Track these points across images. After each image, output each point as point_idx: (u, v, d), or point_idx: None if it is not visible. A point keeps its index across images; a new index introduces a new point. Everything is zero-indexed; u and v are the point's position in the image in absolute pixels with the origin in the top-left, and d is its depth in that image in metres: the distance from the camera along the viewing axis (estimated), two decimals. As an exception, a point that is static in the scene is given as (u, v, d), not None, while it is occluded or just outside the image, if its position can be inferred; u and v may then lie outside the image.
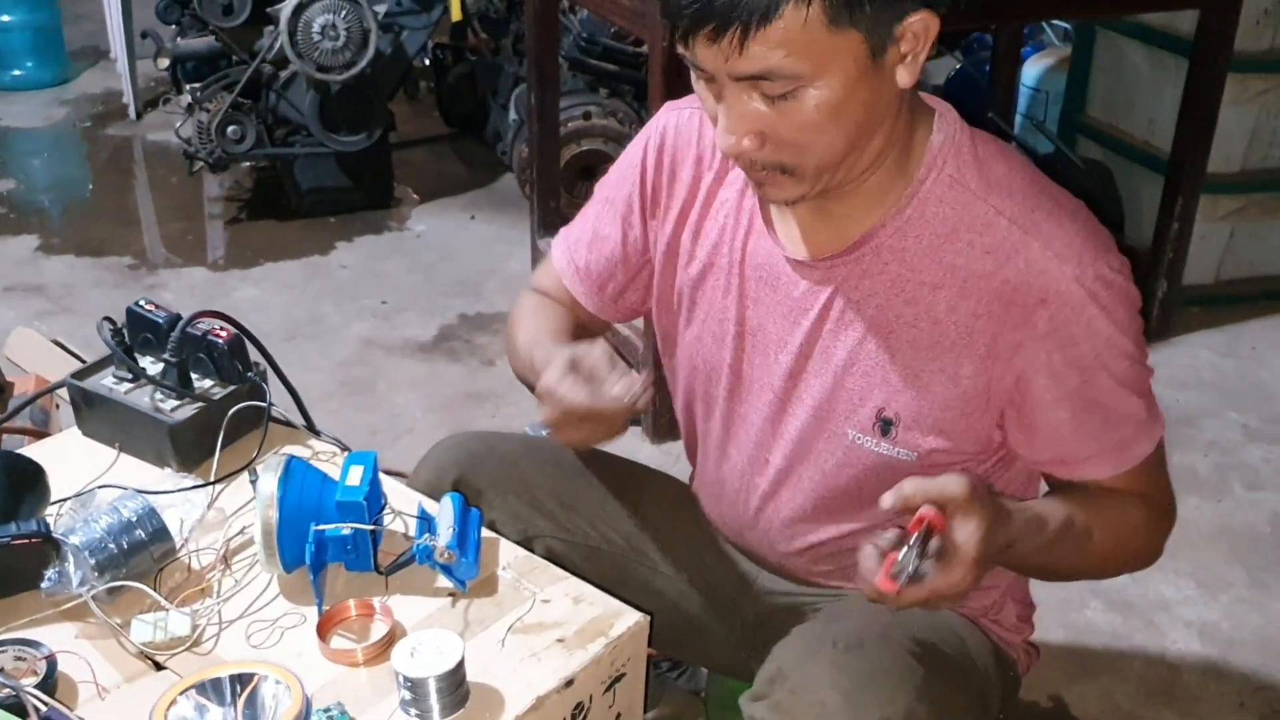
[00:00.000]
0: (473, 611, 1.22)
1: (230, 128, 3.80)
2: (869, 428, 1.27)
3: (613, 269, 1.45)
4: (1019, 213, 1.17)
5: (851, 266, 1.23)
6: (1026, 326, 1.17)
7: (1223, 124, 3.06)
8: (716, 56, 1.06)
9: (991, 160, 1.21)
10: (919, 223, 1.20)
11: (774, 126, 1.11)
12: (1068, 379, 1.19)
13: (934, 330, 1.21)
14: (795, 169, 1.14)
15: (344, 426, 2.53)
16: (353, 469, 1.25)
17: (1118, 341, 1.19)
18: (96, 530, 1.20)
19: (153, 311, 1.46)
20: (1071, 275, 1.15)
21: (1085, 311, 1.16)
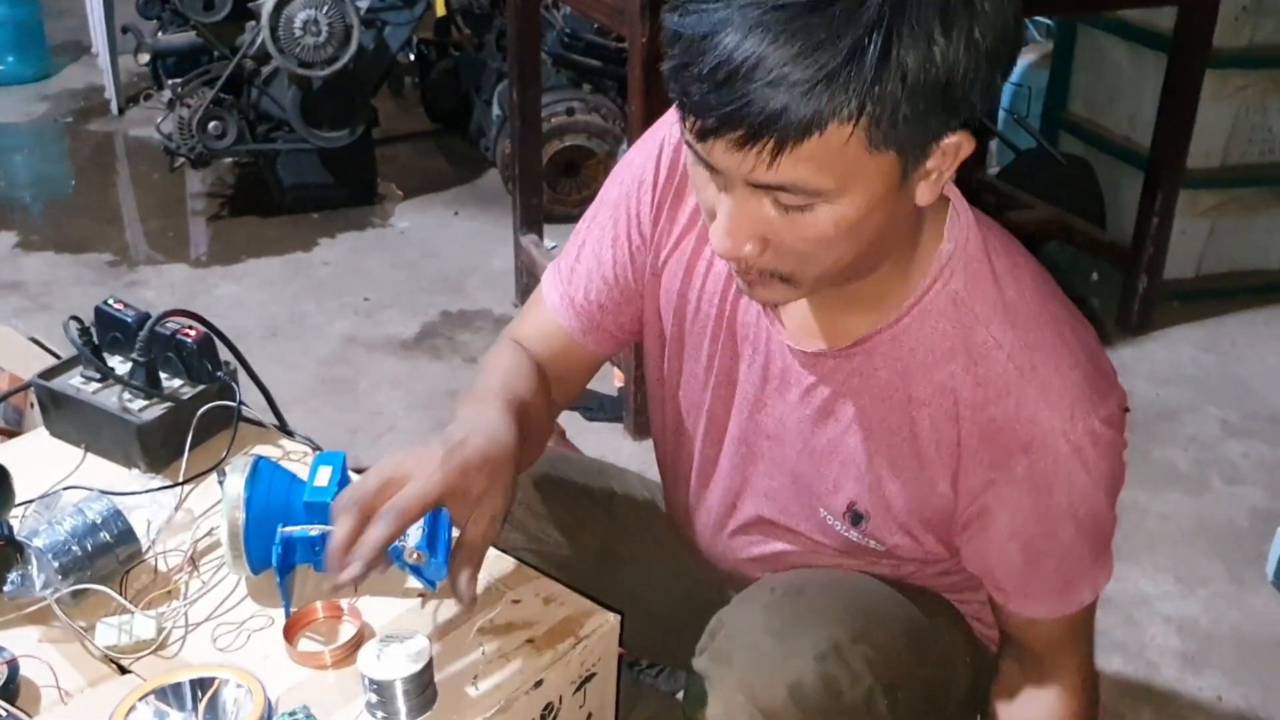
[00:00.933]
0: (442, 612, 1.21)
1: (212, 123, 3.79)
2: (841, 516, 1.25)
3: (612, 292, 1.33)
4: (1018, 350, 1.10)
5: (842, 363, 1.17)
6: (1004, 468, 1.12)
7: (1202, 120, 3.07)
8: (738, 162, 0.94)
9: (1001, 281, 1.12)
10: (916, 334, 1.13)
11: (780, 235, 1.00)
12: (1030, 524, 1.15)
13: (913, 444, 1.16)
14: (794, 278, 1.05)
15: (325, 425, 2.54)
16: (321, 469, 1.23)
17: (1091, 497, 1.14)
18: (61, 532, 1.19)
19: (121, 310, 1.45)
20: (1060, 429, 1.09)
21: (1066, 466, 1.11)
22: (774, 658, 1.17)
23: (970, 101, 0.94)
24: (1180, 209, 3.17)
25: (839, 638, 1.18)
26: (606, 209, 1.33)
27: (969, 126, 0.97)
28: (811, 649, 1.17)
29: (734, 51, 0.89)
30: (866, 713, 1.18)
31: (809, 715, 1.15)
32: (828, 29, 0.88)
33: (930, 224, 1.12)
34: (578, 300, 1.35)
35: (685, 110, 0.95)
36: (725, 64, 0.90)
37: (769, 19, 0.89)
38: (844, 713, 1.16)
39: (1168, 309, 3.33)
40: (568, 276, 1.36)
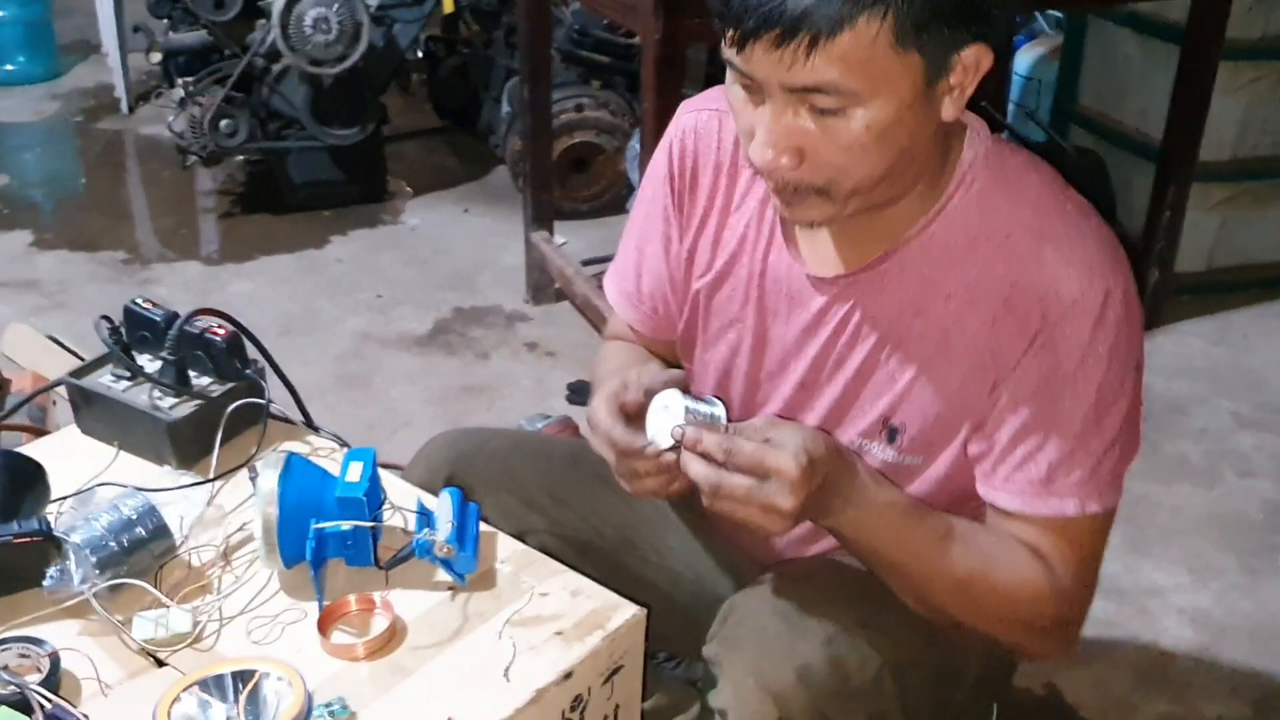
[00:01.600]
0: (472, 605, 1.23)
1: (223, 122, 3.80)
2: (876, 434, 1.26)
3: (664, 288, 1.42)
4: (1037, 220, 1.15)
5: (872, 281, 1.21)
6: (1020, 328, 1.14)
7: (1214, 112, 3.07)
8: (774, 65, 1.02)
9: (1023, 173, 1.18)
10: (942, 238, 1.18)
11: (816, 145, 1.07)
12: (1029, 387, 1.15)
13: (942, 342, 1.19)
14: (830, 190, 1.10)
15: (341, 421, 2.55)
16: (352, 465, 1.25)
17: (1094, 370, 1.14)
18: (97, 528, 1.21)
19: (150, 309, 1.47)
20: (1077, 281, 1.12)
21: (1077, 320, 1.12)
22: (782, 641, 1.19)
23: (992, 14, 1.03)
24: (1191, 202, 3.18)
25: (847, 621, 1.20)
26: (643, 206, 1.42)
27: (986, 40, 1.04)
28: (820, 632, 1.18)
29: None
30: (875, 695, 1.19)
31: (817, 698, 1.16)
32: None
33: (953, 145, 1.18)
34: (633, 296, 1.46)
35: (726, 21, 1.03)
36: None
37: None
38: (852, 695, 1.18)
39: (1179, 302, 3.34)
40: (621, 275, 1.47)
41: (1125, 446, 1.18)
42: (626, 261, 1.46)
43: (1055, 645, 1.26)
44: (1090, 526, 1.19)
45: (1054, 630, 1.23)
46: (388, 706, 1.11)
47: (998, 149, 1.19)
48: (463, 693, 1.12)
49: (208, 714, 0.99)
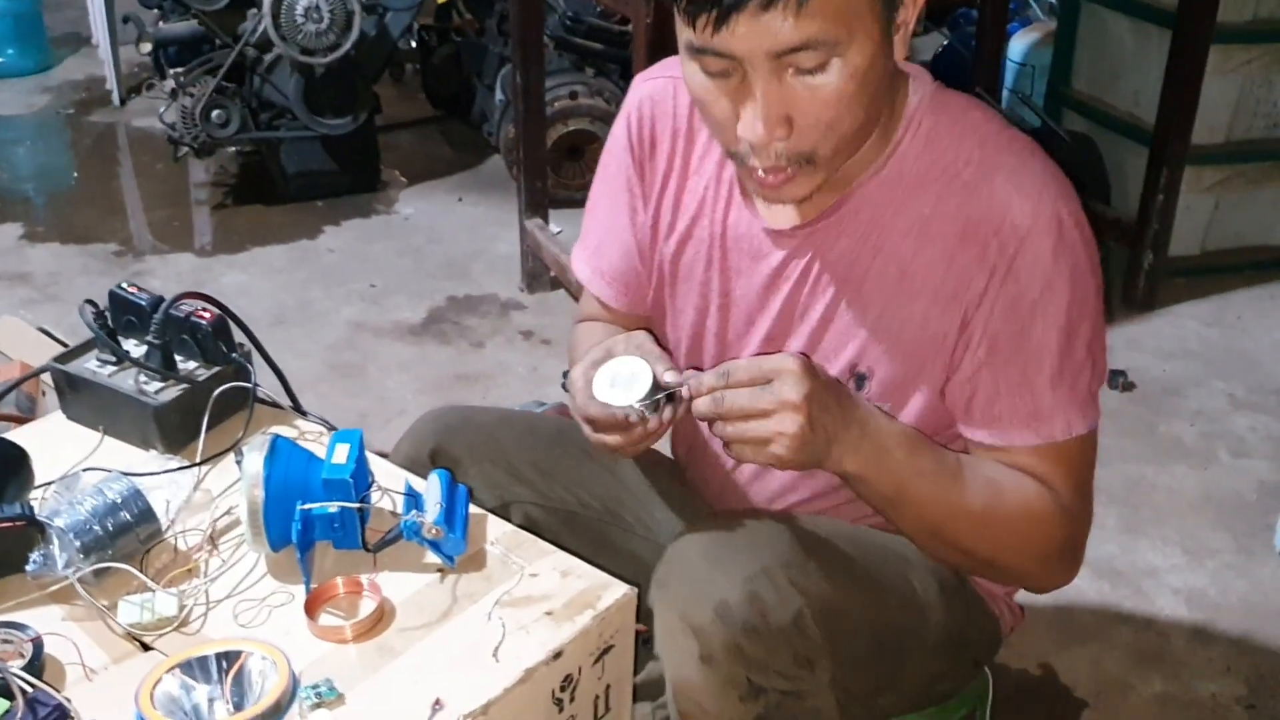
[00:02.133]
0: (461, 586, 1.22)
1: (214, 112, 3.79)
2: (844, 381, 1.27)
3: (632, 261, 1.44)
4: (986, 153, 1.18)
5: (829, 229, 1.24)
6: (980, 259, 1.17)
7: (1207, 95, 3.07)
8: (759, 34, 1.04)
9: (966, 110, 1.22)
10: (894, 179, 1.21)
11: (804, 107, 1.09)
12: (1001, 320, 1.18)
13: (901, 279, 1.21)
14: (817, 155, 1.13)
15: (334, 410, 2.54)
16: (339, 447, 1.25)
17: (1061, 292, 1.17)
18: (81, 512, 1.20)
19: (135, 294, 1.46)
20: (1030, 208, 1.15)
21: (1035, 245, 1.15)
22: (704, 577, 1.19)
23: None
24: (1185, 185, 3.18)
25: (769, 561, 1.20)
26: (605, 181, 1.44)
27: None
28: (740, 570, 1.18)
29: None
30: (798, 635, 1.18)
31: (735, 634, 1.16)
32: None
33: (899, 91, 1.21)
34: (604, 272, 1.46)
35: (697, 12, 1.04)
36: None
37: None
38: (771, 633, 1.17)
39: (1173, 285, 3.33)
40: (591, 252, 1.48)
41: (1096, 366, 1.22)
42: (594, 238, 1.47)
43: (1063, 570, 1.29)
44: (1079, 447, 1.22)
45: (1063, 554, 1.27)
46: (375, 688, 1.10)
47: (940, 92, 1.23)
48: (451, 674, 1.11)
49: (191, 696, 0.98)
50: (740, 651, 1.16)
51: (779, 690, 1.20)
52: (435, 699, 1.08)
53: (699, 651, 1.17)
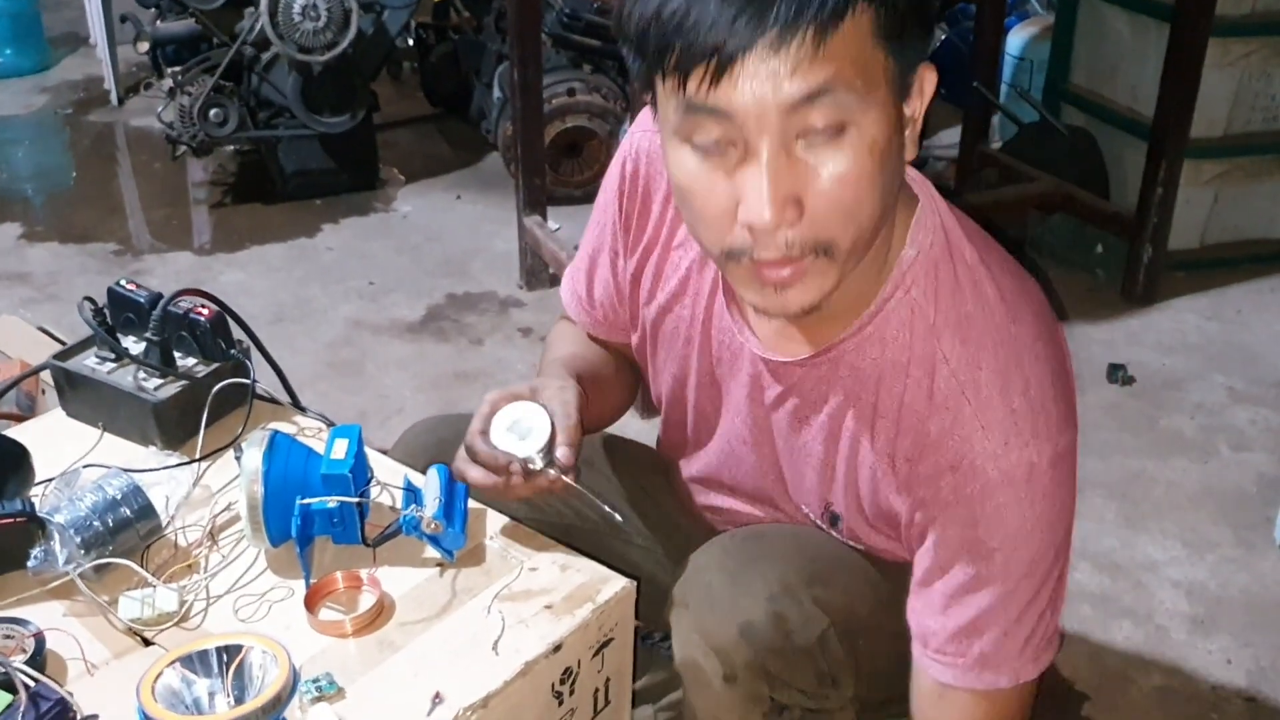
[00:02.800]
0: (460, 580, 1.22)
1: (212, 111, 3.79)
2: (820, 515, 1.27)
3: (612, 297, 1.38)
4: (963, 366, 1.06)
5: (810, 371, 1.16)
6: (933, 486, 1.09)
7: (1205, 88, 3.07)
8: (768, 79, 0.89)
9: (960, 292, 1.08)
10: (877, 343, 1.10)
11: (817, 185, 0.94)
12: (952, 555, 1.10)
13: (870, 454, 1.15)
14: (835, 247, 0.97)
15: (333, 408, 2.54)
16: (337, 442, 1.25)
17: (1024, 544, 1.07)
18: (81, 508, 1.20)
19: (134, 291, 1.46)
20: (991, 452, 1.04)
21: (995, 497, 1.05)
22: (726, 596, 1.18)
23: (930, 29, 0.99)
24: (1184, 178, 3.17)
25: (791, 579, 1.18)
26: (597, 213, 1.38)
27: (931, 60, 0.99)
28: (764, 589, 1.17)
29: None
30: (821, 654, 1.18)
31: (760, 654, 1.16)
32: None
33: (899, 223, 1.09)
34: (583, 299, 1.42)
35: (696, 53, 0.90)
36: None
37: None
38: (796, 652, 1.17)
39: (1173, 279, 3.33)
40: (576, 275, 1.43)
41: (1056, 605, 1.14)
42: (581, 263, 1.41)
43: None
44: (1020, 694, 1.16)
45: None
46: (375, 682, 1.10)
47: (943, 246, 1.09)
48: (451, 667, 1.12)
49: (192, 689, 0.98)
50: (765, 671, 1.16)
51: (802, 707, 1.20)
52: (435, 692, 1.08)
53: (722, 671, 1.17)
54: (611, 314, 1.40)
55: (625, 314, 1.38)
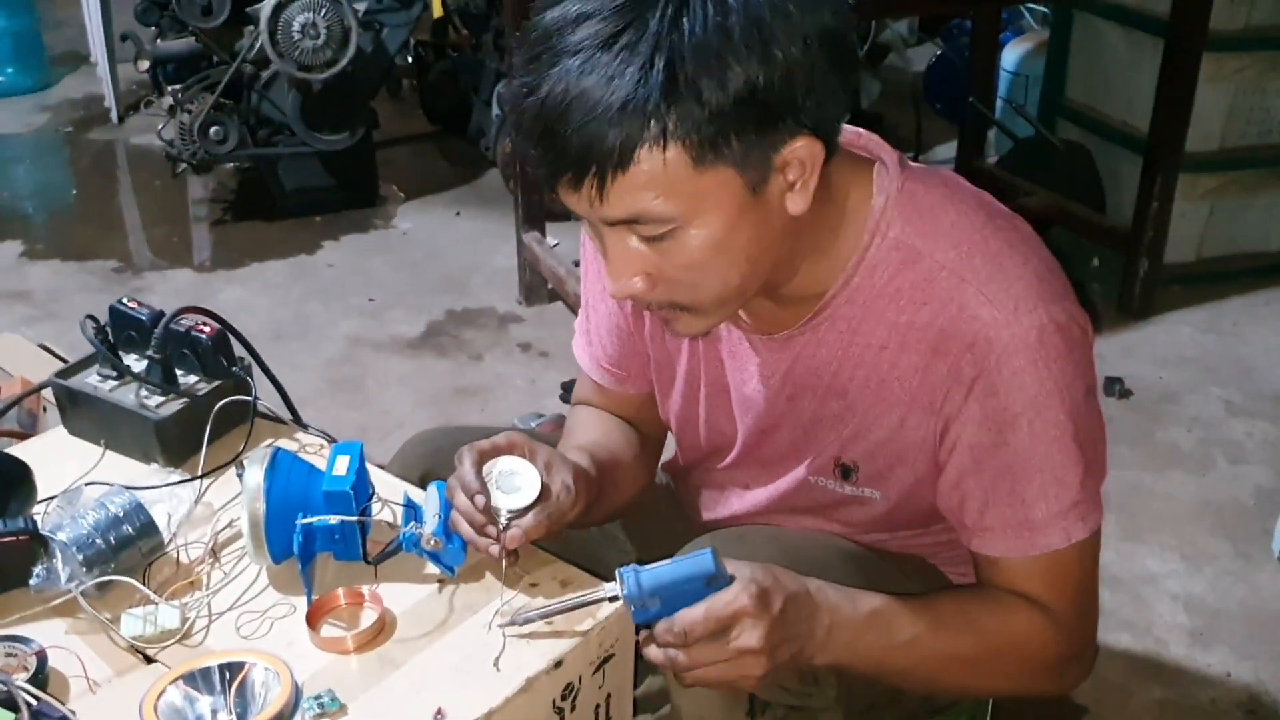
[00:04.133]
0: (461, 596, 1.23)
1: (212, 129, 3.80)
2: (830, 473, 1.27)
3: (626, 341, 1.40)
4: (958, 260, 1.11)
5: (808, 337, 1.20)
6: (954, 373, 1.12)
7: (1200, 103, 3.09)
8: (581, 205, 1.02)
9: (938, 211, 1.14)
10: (867, 288, 1.15)
11: (659, 267, 1.06)
12: (982, 433, 1.13)
13: (880, 389, 1.18)
14: (694, 307, 1.11)
15: (333, 424, 2.54)
16: (339, 459, 1.25)
17: (1046, 404, 1.10)
18: (84, 526, 1.20)
19: (136, 309, 1.47)
20: (1002, 320, 1.09)
21: (1011, 361, 1.09)
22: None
23: (799, 108, 1.00)
24: (1180, 192, 3.19)
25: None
26: (589, 262, 1.40)
27: (814, 133, 1.02)
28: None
29: (544, 103, 0.97)
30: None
31: None
32: (616, 64, 0.95)
33: (855, 191, 1.14)
34: (602, 359, 1.43)
35: (532, 166, 1.02)
36: (540, 117, 0.98)
37: (570, 66, 0.97)
38: None
39: (1168, 292, 3.34)
40: (588, 339, 1.45)
41: (1094, 466, 1.16)
42: (585, 324, 1.44)
43: (1071, 679, 1.25)
44: (1079, 553, 1.16)
45: (1065, 667, 1.22)
46: (377, 698, 1.10)
47: (910, 187, 1.15)
48: (453, 683, 1.12)
49: (195, 707, 0.99)
50: None
51: (785, 705, 1.20)
52: (437, 709, 1.08)
53: None
54: (632, 362, 1.41)
55: (639, 356, 1.39)
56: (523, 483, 1.19)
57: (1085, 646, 1.23)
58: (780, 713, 1.20)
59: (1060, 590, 1.17)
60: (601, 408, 1.48)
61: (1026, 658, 1.19)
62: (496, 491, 1.18)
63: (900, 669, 1.18)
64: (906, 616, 1.16)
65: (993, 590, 1.19)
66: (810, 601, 1.12)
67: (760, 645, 1.05)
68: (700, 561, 1.08)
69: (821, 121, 1.02)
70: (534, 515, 1.18)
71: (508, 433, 1.23)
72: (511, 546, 1.17)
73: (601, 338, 1.42)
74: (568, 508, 1.21)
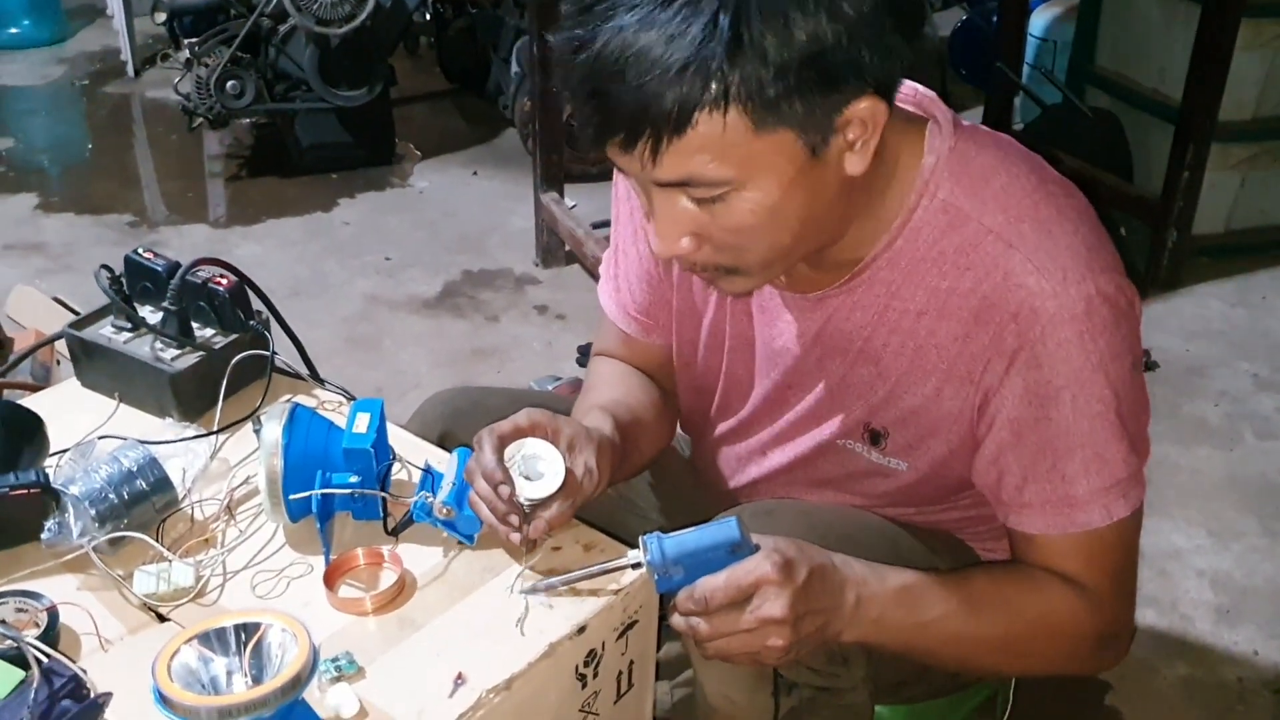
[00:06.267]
0: (483, 559, 1.20)
1: (229, 83, 3.76)
2: (858, 436, 1.24)
3: (656, 289, 1.36)
4: (1006, 225, 1.07)
5: (844, 299, 1.16)
6: (996, 343, 1.08)
7: (1235, 70, 3.02)
8: (632, 164, 0.98)
9: (989, 174, 1.10)
10: (909, 252, 1.11)
11: (708, 229, 1.02)
12: (1023, 407, 1.09)
13: (917, 356, 1.14)
14: (739, 269, 1.07)
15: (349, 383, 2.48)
16: (360, 416, 1.22)
17: (1091, 378, 1.06)
18: (96, 480, 1.18)
19: (151, 260, 1.43)
20: (1050, 290, 1.04)
21: (1057, 333, 1.05)
22: None
23: (861, 66, 0.95)
24: (1211, 162, 3.13)
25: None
26: (621, 204, 1.36)
27: (877, 92, 0.97)
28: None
29: (596, 60, 0.93)
30: None
31: None
32: (676, 21, 0.91)
33: (907, 151, 1.10)
34: (629, 306, 1.39)
35: (579, 124, 0.99)
36: (591, 75, 0.94)
37: (627, 22, 0.92)
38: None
39: (1197, 264, 3.29)
40: (615, 285, 1.40)
41: (1137, 442, 1.12)
42: (612, 269, 1.40)
43: (1108, 659, 1.21)
44: (1119, 532, 1.13)
45: (1100, 648, 1.18)
46: (396, 661, 1.08)
47: (962, 147, 1.11)
48: (474, 647, 1.09)
49: (209, 668, 0.96)
50: None
51: (813, 686, 1.17)
52: (457, 673, 1.05)
53: None
54: (660, 311, 1.37)
55: (671, 300, 1.35)
56: (546, 468, 1.15)
57: (1122, 627, 1.19)
58: (807, 693, 1.17)
59: (1099, 569, 1.13)
60: (624, 360, 1.44)
61: (1061, 637, 1.15)
62: (520, 479, 1.13)
63: (929, 647, 1.14)
64: (937, 593, 1.12)
65: (1028, 568, 1.15)
66: (836, 574, 1.08)
67: (783, 615, 1.02)
68: (725, 529, 1.05)
69: (885, 80, 0.98)
70: (558, 505, 1.14)
71: (529, 411, 1.18)
72: (534, 537, 1.14)
73: (631, 284, 1.38)
74: (590, 491, 1.17)
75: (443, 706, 1.03)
